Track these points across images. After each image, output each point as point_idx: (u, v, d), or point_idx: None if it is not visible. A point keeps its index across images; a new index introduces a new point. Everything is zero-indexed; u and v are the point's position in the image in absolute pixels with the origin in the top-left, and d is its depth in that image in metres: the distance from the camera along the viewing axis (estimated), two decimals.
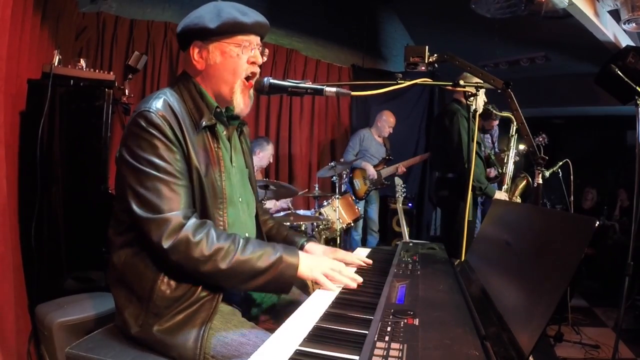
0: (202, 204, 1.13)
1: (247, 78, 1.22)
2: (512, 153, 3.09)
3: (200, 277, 1.07)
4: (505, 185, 3.03)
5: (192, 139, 1.12)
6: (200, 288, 1.10)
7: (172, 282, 1.08)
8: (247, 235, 1.26)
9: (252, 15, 1.19)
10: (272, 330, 0.91)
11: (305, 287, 1.46)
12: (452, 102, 3.05)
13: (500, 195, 2.89)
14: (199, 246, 1.03)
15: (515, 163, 3.16)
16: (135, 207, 1.04)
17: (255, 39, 1.21)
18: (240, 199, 1.28)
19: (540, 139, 3.68)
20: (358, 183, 4.34)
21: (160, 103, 1.09)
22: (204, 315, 1.08)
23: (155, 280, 1.07)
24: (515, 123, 3.08)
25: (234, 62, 1.18)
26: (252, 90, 1.26)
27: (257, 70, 1.24)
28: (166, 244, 1.01)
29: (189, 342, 1.04)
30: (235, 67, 1.19)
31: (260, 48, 1.24)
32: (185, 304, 1.08)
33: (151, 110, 1.07)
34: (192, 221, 1.06)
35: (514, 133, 3.15)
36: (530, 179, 3.18)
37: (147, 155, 1.05)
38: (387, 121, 4.45)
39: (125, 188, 1.07)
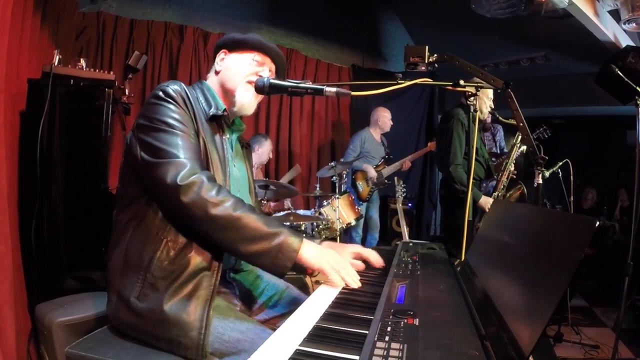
0: None
1: (249, 82, 1.33)
2: (511, 161, 3.05)
3: (205, 222, 1.07)
4: (497, 192, 3.00)
5: (203, 122, 1.22)
6: (198, 261, 1.11)
7: (172, 253, 1.10)
8: None
9: (271, 44, 1.37)
10: (271, 327, 0.91)
11: (305, 287, 1.47)
12: (457, 106, 3.02)
13: (488, 201, 2.87)
14: (212, 189, 1.07)
15: (513, 172, 3.09)
16: (150, 158, 1.09)
17: (270, 64, 1.37)
18: (238, 193, 1.31)
19: (542, 130, 3.63)
20: (361, 185, 4.34)
21: (177, 85, 1.20)
22: (205, 293, 1.09)
23: (154, 251, 1.09)
24: (519, 132, 3.03)
25: (243, 68, 1.33)
26: (254, 92, 1.32)
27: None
28: (182, 181, 1.05)
29: (192, 319, 1.04)
30: (242, 71, 1.32)
31: (273, 75, 1.36)
32: (182, 276, 1.08)
33: (168, 86, 1.18)
34: (207, 172, 1.12)
35: (517, 142, 3.06)
36: (525, 191, 3.15)
37: (163, 117, 1.13)
38: (384, 116, 4.45)
39: (138, 148, 1.12)
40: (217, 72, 1.36)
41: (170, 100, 1.15)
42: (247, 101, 1.32)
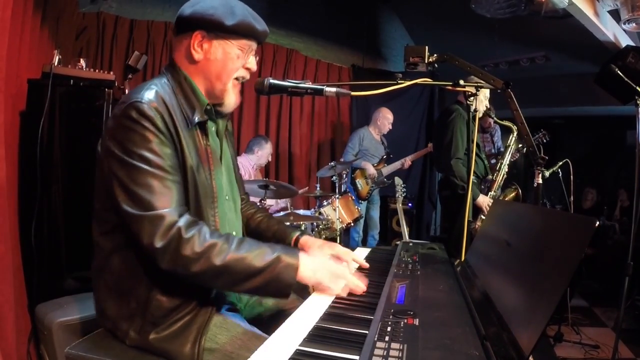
0: (196, 202, 1.11)
1: (236, 79, 1.21)
2: (505, 161, 3.08)
3: (193, 279, 1.01)
4: (493, 192, 3.02)
5: (185, 134, 1.08)
6: (196, 294, 1.09)
7: (168, 289, 1.06)
8: (234, 233, 1.24)
9: (262, 23, 1.19)
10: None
11: (305, 288, 1.45)
12: (454, 103, 3.08)
13: (485, 200, 2.90)
14: (189, 243, 0.97)
15: (508, 172, 3.13)
16: (124, 205, 0.98)
17: (255, 46, 1.21)
18: (227, 197, 1.26)
19: (541, 135, 3.67)
20: (360, 183, 4.33)
21: (152, 94, 1.04)
22: (200, 320, 1.08)
23: (151, 289, 1.05)
24: (514, 133, 3.07)
25: (232, 64, 1.16)
26: (238, 89, 1.25)
27: (248, 76, 1.23)
28: (158, 243, 0.96)
29: (185, 348, 1.04)
30: (231, 68, 1.17)
31: (255, 56, 1.25)
32: (182, 312, 1.07)
33: (143, 101, 1.01)
34: (185, 218, 1.00)
35: (511, 143, 3.10)
36: (520, 192, 3.18)
37: (138, 149, 0.99)
38: (385, 118, 4.43)
39: (112, 184, 1.00)
40: (195, 60, 1.14)
41: (147, 125, 1.00)
42: (237, 102, 1.23)
